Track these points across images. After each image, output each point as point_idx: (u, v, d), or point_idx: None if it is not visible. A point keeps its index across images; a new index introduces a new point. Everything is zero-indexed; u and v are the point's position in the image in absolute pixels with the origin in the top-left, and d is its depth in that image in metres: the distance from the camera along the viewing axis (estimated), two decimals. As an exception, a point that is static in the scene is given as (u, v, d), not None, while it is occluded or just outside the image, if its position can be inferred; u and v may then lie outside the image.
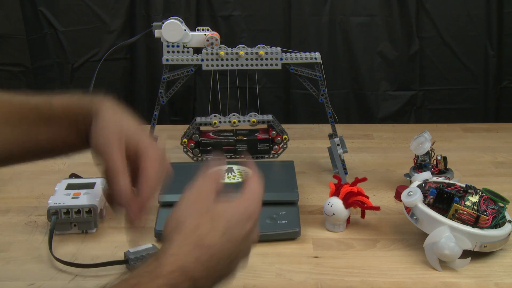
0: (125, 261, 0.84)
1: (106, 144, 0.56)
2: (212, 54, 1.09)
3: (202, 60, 1.09)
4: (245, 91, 1.22)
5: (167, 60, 1.09)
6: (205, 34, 1.09)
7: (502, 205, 0.90)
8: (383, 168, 1.23)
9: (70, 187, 1.01)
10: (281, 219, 0.95)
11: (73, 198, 0.97)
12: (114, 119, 0.58)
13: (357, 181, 0.97)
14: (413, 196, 0.89)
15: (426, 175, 0.97)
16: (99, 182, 1.03)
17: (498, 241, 0.87)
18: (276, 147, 1.17)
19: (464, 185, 0.91)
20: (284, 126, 1.17)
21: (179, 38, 1.09)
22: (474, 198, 0.88)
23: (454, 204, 0.86)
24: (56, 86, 1.74)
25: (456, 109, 1.76)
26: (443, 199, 0.88)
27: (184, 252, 0.46)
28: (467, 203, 0.87)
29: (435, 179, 0.96)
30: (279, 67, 1.10)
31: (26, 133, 0.61)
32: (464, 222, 0.86)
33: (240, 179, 1.04)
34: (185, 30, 1.09)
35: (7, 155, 0.62)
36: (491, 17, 1.67)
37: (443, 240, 0.83)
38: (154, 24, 1.10)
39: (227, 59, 1.09)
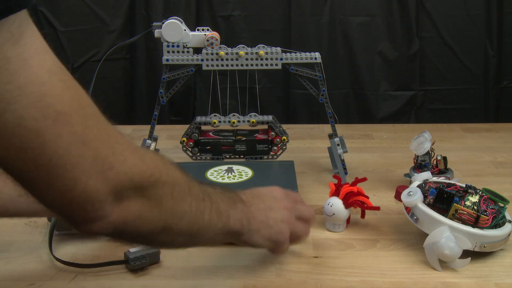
0: (125, 261, 0.84)
1: None
2: (212, 54, 1.09)
3: (202, 60, 1.09)
4: (245, 91, 1.22)
5: (167, 60, 1.09)
6: (205, 34, 1.09)
7: (502, 205, 0.90)
8: (383, 168, 1.23)
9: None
10: (281, 219, 0.95)
11: (73, 198, 0.96)
12: None
13: (357, 181, 0.97)
14: (413, 196, 0.89)
15: (426, 175, 0.97)
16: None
17: (498, 241, 0.87)
18: (275, 148, 1.17)
19: (464, 185, 0.91)
20: (284, 126, 1.17)
21: (179, 38, 1.09)
22: (474, 198, 0.88)
23: (454, 204, 0.86)
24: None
25: (456, 109, 1.76)
26: (443, 199, 0.88)
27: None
28: (467, 203, 0.87)
29: (435, 179, 0.96)
30: (279, 67, 1.10)
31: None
32: (464, 222, 0.86)
33: (239, 179, 1.04)
34: (185, 30, 1.09)
35: None
36: (491, 17, 1.67)
37: (443, 240, 0.83)
38: (154, 24, 1.09)
39: (227, 59, 1.09)
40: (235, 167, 1.09)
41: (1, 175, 0.50)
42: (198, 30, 1.10)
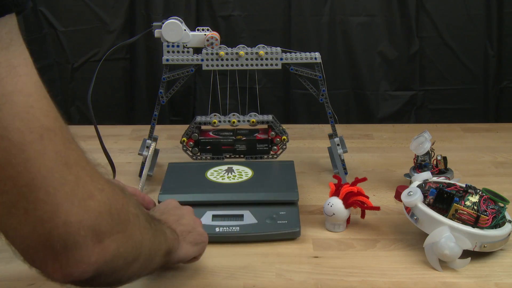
0: (125, 261, 0.84)
1: None
2: (212, 54, 1.09)
3: (202, 60, 1.09)
4: (245, 91, 1.22)
5: (167, 60, 1.09)
6: (205, 34, 1.09)
7: (502, 205, 0.90)
8: (383, 168, 1.23)
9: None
10: (281, 219, 0.95)
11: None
12: None
13: (357, 181, 0.97)
14: (413, 196, 0.89)
15: (426, 175, 0.97)
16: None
17: (498, 241, 0.87)
18: (275, 147, 1.17)
19: (464, 185, 0.91)
20: (284, 126, 1.17)
21: (179, 38, 1.08)
22: (474, 198, 0.88)
23: (454, 204, 0.86)
24: (56, 86, 1.74)
25: (456, 109, 1.76)
26: (443, 199, 0.88)
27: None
28: (467, 203, 0.87)
29: (435, 179, 0.96)
30: (279, 67, 1.10)
31: None
32: (464, 222, 0.86)
33: (239, 179, 1.04)
34: (185, 30, 1.09)
35: None
36: (491, 17, 1.67)
37: (443, 240, 0.83)
38: (154, 24, 1.09)
39: (227, 59, 1.09)
40: (235, 167, 1.09)
41: None
42: (198, 30, 1.10)
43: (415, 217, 0.88)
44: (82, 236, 0.48)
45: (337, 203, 0.95)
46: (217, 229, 0.93)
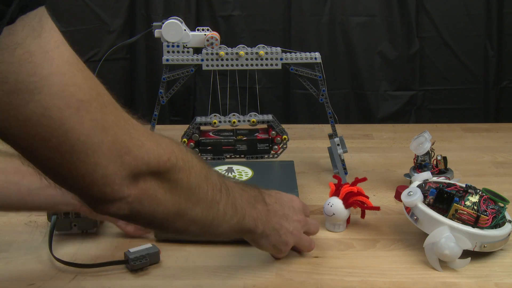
0: (125, 261, 0.84)
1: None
2: (212, 54, 1.09)
3: (202, 60, 1.09)
4: (245, 91, 1.22)
5: (167, 60, 1.09)
6: (205, 34, 1.09)
7: (502, 205, 0.90)
8: (383, 168, 1.23)
9: (70, 187, 1.01)
10: (281, 219, 0.95)
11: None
12: None
13: (357, 181, 0.97)
14: (413, 196, 0.89)
15: (426, 175, 0.96)
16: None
17: (498, 241, 0.87)
18: (276, 147, 1.17)
19: (464, 185, 0.91)
20: (284, 126, 1.17)
21: (179, 38, 1.09)
22: (474, 198, 0.88)
23: (454, 204, 0.86)
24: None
25: (456, 109, 1.76)
26: (443, 199, 0.88)
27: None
28: (467, 203, 0.87)
29: (435, 179, 0.96)
30: (279, 67, 1.10)
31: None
32: (464, 222, 0.86)
33: (239, 179, 1.04)
34: (185, 30, 1.09)
35: None
36: (491, 17, 1.67)
37: (443, 240, 0.83)
38: (154, 24, 1.09)
39: (227, 59, 1.09)
40: (235, 167, 1.09)
41: (19, 168, 0.51)
42: (198, 30, 1.10)
43: (415, 217, 0.88)
44: (118, 184, 0.55)
45: (337, 203, 0.95)
46: (217, 229, 0.93)
